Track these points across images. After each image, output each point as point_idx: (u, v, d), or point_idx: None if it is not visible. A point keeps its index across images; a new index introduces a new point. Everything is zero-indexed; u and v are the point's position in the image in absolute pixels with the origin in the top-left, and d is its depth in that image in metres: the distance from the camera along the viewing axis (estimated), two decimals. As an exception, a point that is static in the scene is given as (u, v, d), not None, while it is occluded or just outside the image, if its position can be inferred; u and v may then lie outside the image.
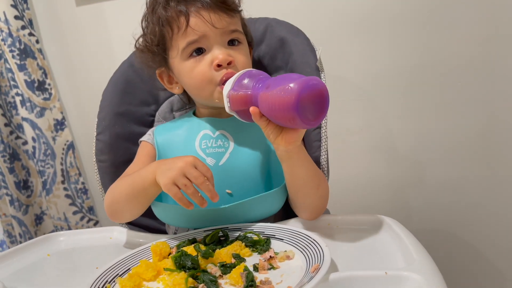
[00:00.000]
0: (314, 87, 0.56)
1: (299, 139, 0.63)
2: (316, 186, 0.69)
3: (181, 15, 0.71)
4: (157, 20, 0.73)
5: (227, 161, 0.73)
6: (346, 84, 1.14)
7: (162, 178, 0.64)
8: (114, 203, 0.73)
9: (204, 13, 0.70)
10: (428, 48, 1.06)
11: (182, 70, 0.74)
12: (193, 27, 0.70)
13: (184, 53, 0.73)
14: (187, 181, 0.62)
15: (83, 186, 1.42)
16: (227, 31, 0.72)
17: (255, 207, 0.71)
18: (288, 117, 0.56)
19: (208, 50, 0.72)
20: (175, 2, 0.72)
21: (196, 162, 0.64)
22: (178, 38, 0.72)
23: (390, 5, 1.06)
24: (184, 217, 0.72)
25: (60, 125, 1.37)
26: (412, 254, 0.54)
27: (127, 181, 0.73)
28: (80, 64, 1.35)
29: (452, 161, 1.12)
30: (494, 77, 1.04)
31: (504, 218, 1.12)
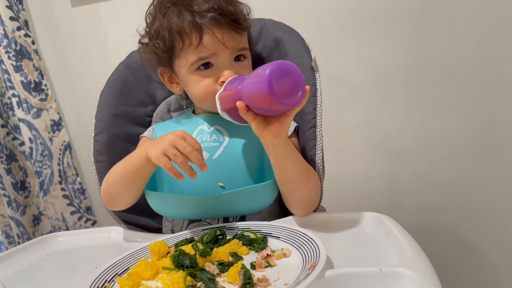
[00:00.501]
0: (283, 66, 0.59)
1: (285, 132, 0.66)
2: (304, 180, 0.71)
3: (195, 30, 0.72)
4: (167, 28, 0.73)
5: (220, 155, 0.75)
6: (342, 83, 1.15)
7: (153, 151, 0.67)
8: (110, 186, 0.76)
9: (217, 32, 0.72)
10: (423, 46, 1.08)
11: (188, 80, 0.77)
12: (205, 45, 0.72)
13: (192, 67, 0.75)
14: (177, 151, 0.65)
15: (81, 186, 1.42)
16: (235, 50, 0.75)
17: (246, 199, 0.72)
18: (266, 101, 0.59)
19: (216, 66, 0.75)
20: (188, 15, 0.72)
21: (185, 135, 0.66)
22: (189, 52, 0.74)
23: (386, 4, 1.07)
24: (177, 206, 0.74)
25: (57, 126, 1.37)
26: (406, 251, 0.55)
27: (121, 163, 0.75)
28: (76, 65, 1.35)
29: (447, 160, 1.13)
30: (488, 75, 1.05)
31: (498, 216, 1.13)
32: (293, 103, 0.60)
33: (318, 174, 0.75)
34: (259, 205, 0.75)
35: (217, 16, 0.71)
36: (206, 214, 0.75)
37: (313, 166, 0.75)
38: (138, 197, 0.77)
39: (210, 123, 0.79)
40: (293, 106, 0.61)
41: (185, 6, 0.72)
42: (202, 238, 0.67)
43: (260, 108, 0.63)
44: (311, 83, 0.77)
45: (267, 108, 0.61)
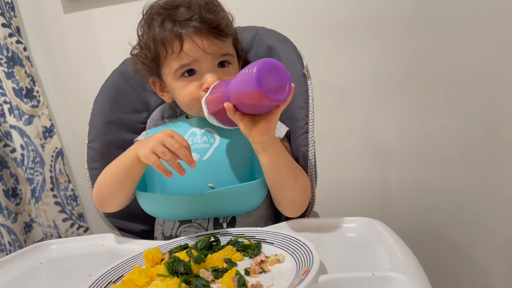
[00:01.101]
0: (270, 64, 0.61)
1: (272, 130, 0.68)
2: (293, 178, 0.72)
3: (175, 38, 0.75)
4: (152, 38, 0.77)
5: (210, 156, 0.77)
6: (334, 89, 1.16)
7: (142, 149, 0.68)
8: (101, 187, 0.77)
9: (197, 39, 0.74)
10: (412, 52, 1.09)
11: (173, 87, 0.79)
12: (186, 52, 0.75)
13: (176, 74, 0.77)
14: (165, 148, 0.66)
15: (73, 193, 1.42)
16: (218, 55, 0.77)
17: (236, 198, 0.73)
18: (255, 97, 0.61)
19: (199, 72, 0.77)
20: (170, 24, 0.75)
21: (172, 133, 0.68)
22: (172, 60, 0.77)
23: (376, 11, 1.09)
24: (168, 206, 0.75)
25: (49, 132, 1.37)
26: (398, 255, 0.56)
27: (112, 165, 0.77)
28: (68, 71, 1.35)
29: (438, 164, 1.15)
30: (477, 80, 1.07)
31: (488, 219, 1.15)
32: (281, 98, 0.62)
33: (310, 180, 0.76)
34: (249, 205, 0.76)
35: (197, 24, 0.74)
36: (196, 214, 0.75)
37: (306, 172, 0.75)
38: (130, 199, 0.78)
39: (202, 126, 0.81)
40: (281, 102, 0.63)
41: (168, 16, 0.76)
42: (196, 245, 0.68)
43: (248, 106, 0.64)
44: (303, 90, 0.78)
45: (256, 105, 0.63)
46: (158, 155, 0.66)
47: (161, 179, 0.79)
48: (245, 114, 0.67)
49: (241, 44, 0.86)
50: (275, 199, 0.76)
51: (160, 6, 0.78)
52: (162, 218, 0.80)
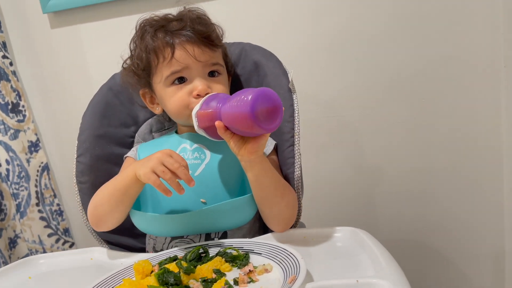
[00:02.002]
0: (266, 95, 0.63)
1: (261, 149, 0.69)
2: (281, 195, 0.74)
3: (167, 46, 0.77)
4: (144, 48, 0.79)
5: (202, 172, 0.78)
6: (318, 102, 1.19)
7: (141, 169, 0.69)
8: (97, 207, 0.77)
9: (188, 47, 0.77)
10: (392, 67, 1.13)
11: (164, 95, 0.81)
12: (177, 59, 0.77)
13: (167, 81, 0.79)
14: (165, 168, 0.68)
15: (58, 208, 1.41)
16: (208, 64, 0.79)
17: (227, 213, 0.75)
18: (247, 124, 0.63)
19: (190, 80, 0.79)
20: (162, 33, 0.78)
21: (171, 153, 0.70)
22: (163, 67, 0.78)
23: (358, 27, 1.12)
24: (160, 225, 0.76)
25: (35, 147, 1.36)
26: (381, 263, 0.58)
27: (109, 184, 0.78)
28: (55, 86, 1.35)
29: (420, 174, 1.18)
30: (457, 93, 1.11)
31: (470, 227, 1.18)
32: (273, 127, 0.64)
33: (297, 191, 0.77)
34: (240, 220, 0.77)
35: (188, 33, 0.77)
36: (189, 231, 0.77)
37: (292, 184, 0.77)
38: (125, 216, 0.79)
39: (192, 142, 0.82)
40: (272, 130, 0.65)
41: (160, 27, 0.79)
42: (186, 256, 0.69)
43: (239, 130, 0.66)
44: (288, 104, 0.80)
45: (247, 131, 0.65)
46: (158, 174, 0.68)
47: (153, 195, 0.80)
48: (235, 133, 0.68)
49: (230, 60, 0.88)
50: (263, 215, 0.78)
51: (153, 19, 0.82)
52: (155, 235, 0.81)
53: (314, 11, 1.13)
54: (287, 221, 0.75)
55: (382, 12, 1.10)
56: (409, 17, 1.09)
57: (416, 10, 1.09)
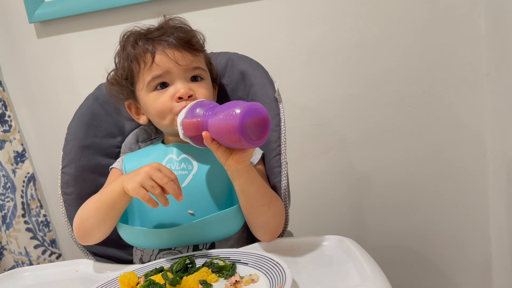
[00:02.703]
0: (255, 111, 0.63)
1: (248, 159, 0.69)
2: (267, 204, 0.74)
3: (147, 52, 0.78)
4: (126, 57, 0.80)
5: (189, 183, 0.77)
6: (305, 110, 1.20)
7: (130, 183, 0.69)
8: (84, 221, 0.76)
9: (169, 51, 0.77)
10: (379, 75, 1.14)
11: (147, 101, 0.80)
12: (158, 63, 0.77)
13: (149, 86, 0.79)
14: (154, 183, 0.67)
15: (45, 219, 1.39)
16: (190, 68, 0.79)
17: (215, 225, 0.74)
18: (235, 139, 0.63)
19: (171, 84, 0.79)
20: (143, 41, 0.79)
21: (160, 167, 0.69)
22: (144, 73, 0.79)
23: (342, 36, 1.13)
24: (148, 238, 0.76)
25: (21, 157, 1.35)
26: (367, 271, 0.58)
27: (96, 198, 0.77)
28: (42, 96, 1.34)
29: (407, 182, 1.19)
30: (440, 101, 1.13)
31: (458, 235, 1.19)
32: (260, 142, 0.64)
33: (284, 200, 0.77)
34: (229, 230, 0.77)
35: (169, 38, 0.78)
36: (177, 243, 0.76)
37: (279, 193, 0.78)
38: (111, 230, 0.78)
39: (179, 152, 0.81)
40: (259, 145, 0.65)
41: (140, 35, 0.80)
42: (172, 267, 0.68)
43: (227, 143, 0.66)
44: (275, 113, 0.80)
45: (234, 144, 0.65)
46: (146, 189, 0.67)
47: (140, 207, 0.79)
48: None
49: (216, 69, 0.88)
50: (250, 225, 0.78)
51: (135, 30, 0.82)
52: (142, 247, 0.80)
53: (299, 20, 1.15)
54: (274, 231, 0.75)
55: (368, 22, 1.12)
56: (394, 27, 1.11)
57: (400, 20, 1.11)
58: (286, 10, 1.15)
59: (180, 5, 1.18)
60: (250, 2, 1.16)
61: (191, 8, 1.18)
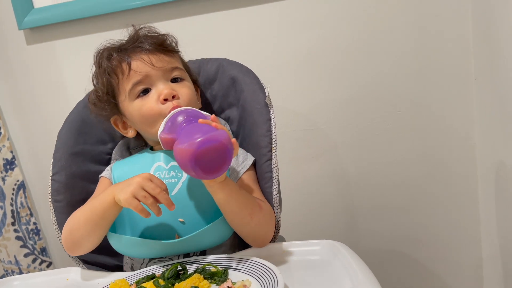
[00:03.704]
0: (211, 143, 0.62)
1: (220, 177, 0.69)
2: (248, 215, 0.72)
3: (123, 62, 0.78)
4: (103, 72, 0.81)
5: (179, 191, 0.77)
6: (296, 115, 1.20)
7: (122, 194, 0.69)
8: (73, 232, 0.76)
9: (144, 56, 0.78)
10: (369, 80, 1.15)
11: (132, 110, 0.80)
12: (135, 70, 0.77)
13: (131, 94, 0.79)
14: (146, 193, 0.68)
15: (35, 227, 1.37)
16: (168, 69, 0.80)
17: (206, 235, 0.74)
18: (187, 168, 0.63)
19: (153, 88, 0.79)
20: (117, 53, 0.80)
21: (151, 177, 0.70)
22: (124, 82, 0.79)
23: (332, 41, 1.14)
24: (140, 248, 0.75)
25: (10, 165, 1.34)
26: (358, 275, 0.59)
27: (85, 208, 0.76)
28: (31, 103, 1.33)
29: (397, 185, 1.20)
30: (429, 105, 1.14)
31: (450, 238, 1.19)
32: (217, 174, 0.65)
33: (275, 206, 0.77)
34: (220, 238, 0.77)
35: (142, 45, 0.79)
36: (168, 253, 0.76)
37: (270, 198, 0.78)
38: (101, 240, 0.77)
39: (168, 160, 0.80)
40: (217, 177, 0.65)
41: (114, 48, 0.81)
42: (164, 274, 0.68)
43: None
44: (265, 119, 0.81)
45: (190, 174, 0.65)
46: (139, 199, 0.68)
47: (130, 216, 0.78)
48: None
49: (194, 73, 0.88)
50: (238, 233, 0.77)
51: (107, 46, 0.83)
52: (133, 257, 0.80)
53: (290, 26, 1.15)
54: (262, 239, 0.75)
55: (358, 27, 1.13)
56: (384, 32, 1.12)
57: (390, 26, 1.12)
58: (277, 15, 1.15)
59: (171, 12, 1.18)
60: (241, 8, 1.16)
61: (181, 14, 1.18)
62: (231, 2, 1.16)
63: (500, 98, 0.96)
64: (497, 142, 1.02)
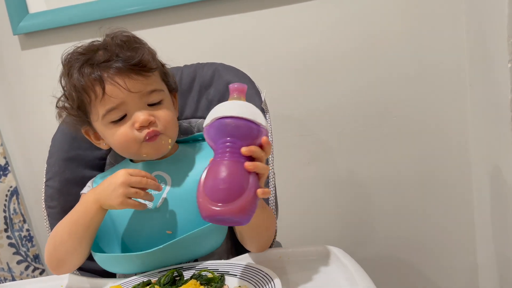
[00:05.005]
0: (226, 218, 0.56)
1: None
2: (265, 229, 0.72)
3: (96, 83, 0.72)
4: (73, 87, 0.74)
5: (164, 202, 0.75)
6: (292, 121, 1.20)
7: (113, 199, 0.68)
8: (57, 248, 0.73)
9: (119, 80, 0.71)
10: (364, 86, 1.15)
11: (105, 133, 0.76)
12: (110, 95, 0.71)
13: (105, 119, 0.74)
14: (135, 188, 0.68)
15: (28, 234, 1.36)
16: (145, 93, 0.74)
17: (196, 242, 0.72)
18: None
19: (129, 115, 0.74)
20: (88, 69, 0.72)
21: (128, 171, 0.69)
22: (97, 105, 0.73)
23: (328, 48, 1.15)
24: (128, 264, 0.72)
25: (3, 171, 1.32)
26: (356, 281, 0.58)
27: (66, 222, 0.73)
28: (25, 108, 1.33)
29: (393, 190, 1.20)
30: (424, 111, 1.15)
31: (446, 243, 1.20)
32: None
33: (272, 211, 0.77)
34: (211, 246, 0.74)
35: (116, 64, 0.71)
36: (159, 265, 0.73)
37: (267, 204, 0.77)
38: (87, 255, 0.74)
39: (150, 169, 0.77)
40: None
41: (86, 61, 0.73)
42: (159, 280, 0.67)
43: None
44: (262, 124, 0.80)
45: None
46: (132, 197, 0.68)
47: (117, 234, 0.76)
48: None
49: (173, 77, 0.83)
50: (241, 241, 0.75)
51: (78, 53, 0.76)
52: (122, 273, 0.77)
53: (286, 31, 1.16)
54: (267, 244, 0.74)
55: (353, 33, 1.14)
56: (379, 39, 1.13)
57: (385, 32, 1.12)
58: (273, 21, 1.16)
59: (166, 17, 1.18)
60: (236, 14, 1.16)
61: (177, 20, 1.18)
62: (227, 8, 1.16)
63: (494, 104, 0.96)
64: (491, 147, 1.03)
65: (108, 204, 0.69)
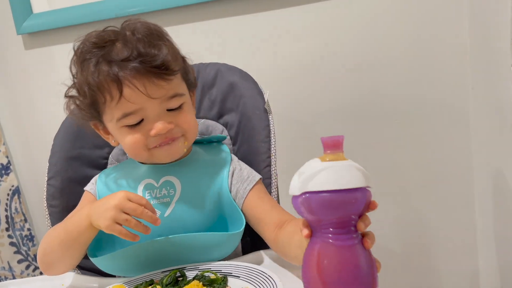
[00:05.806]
0: None
1: None
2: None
3: (113, 84, 0.66)
4: (86, 83, 0.68)
5: (173, 211, 0.72)
6: (294, 123, 1.20)
7: (101, 221, 0.63)
8: (47, 253, 0.70)
9: (138, 83, 0.65)
10: (367, 89, 1.16)
11: (117, 134, 0.72)
12: (127, 99, 0.66)
13: (120, 123, 0.69)
14: (127, 216, 0.62)
15: (29, 233, 1.36)
16: (165, 99, 0.69)
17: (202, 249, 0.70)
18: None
19: (147, 120, 0.69)
20: (106, 66, 0.66)
21: (128, 195, 0.63)
22: (112, 107, 0.68)
23: (332, 50, 1.15)
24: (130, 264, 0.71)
25: (5, 170, 1.32)
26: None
27: (60, 229, 0.71)
28: (28, 107, 1.33)
29: (394, 194, 1.20)
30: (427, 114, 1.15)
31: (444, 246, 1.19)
32: None
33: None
34: (220, 254, 0.72)
35: (136, 64, 0.64)
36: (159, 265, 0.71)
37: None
38: (78, 262, 0.73)
39: (158, 175, 0.74)
40: None
41: (103, 56, 0.66)
42: (162, 280, 0.67)
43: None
44: (265, 124, 0.81)
45: None
46: (121, 224, 0.63)
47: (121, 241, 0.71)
48: None
49: (193, 73, 0.77)
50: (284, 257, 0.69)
51: (92, 43, 0.68)
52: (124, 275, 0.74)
53: (290, 33, 1.16)
54: None
55: (356, 36, 1.13)
56: (382, 42, 1.13)
57: (389, 35, 1.12)
58: (277, 23, 1.16)
59: (170, 18, 1.18)
60: (240, 15, 1.17)
61: (180, 21, 1.18)
62: (231, 9, 1.16)
63: (497, 108, 0.96)
64: (494, 151, 1.02)
65: (96, 223, 0.65)
